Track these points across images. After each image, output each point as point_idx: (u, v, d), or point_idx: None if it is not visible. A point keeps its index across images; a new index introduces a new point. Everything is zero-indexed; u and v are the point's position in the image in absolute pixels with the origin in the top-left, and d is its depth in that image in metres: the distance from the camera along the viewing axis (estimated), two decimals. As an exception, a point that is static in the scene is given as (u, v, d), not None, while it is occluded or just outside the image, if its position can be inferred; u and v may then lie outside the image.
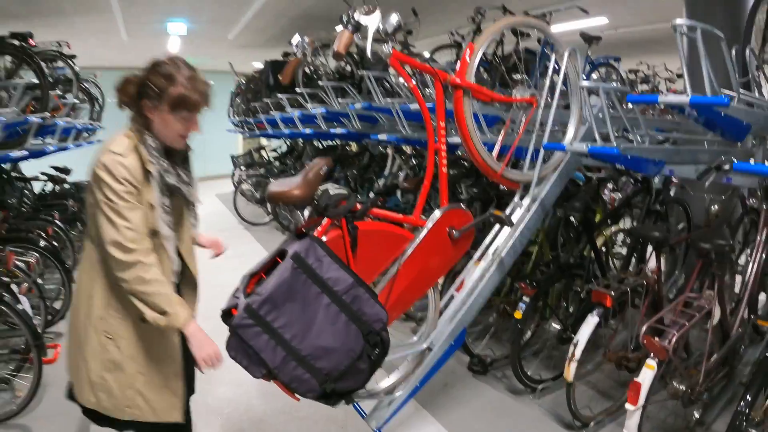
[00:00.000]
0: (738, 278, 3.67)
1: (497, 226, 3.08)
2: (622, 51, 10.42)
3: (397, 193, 5.98)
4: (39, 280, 3.99)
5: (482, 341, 4.02)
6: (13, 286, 3.26)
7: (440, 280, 3.46)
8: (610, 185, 5.64)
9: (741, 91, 2.52)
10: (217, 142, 15.11)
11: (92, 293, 1.97)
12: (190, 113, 1.94)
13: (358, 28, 2.34)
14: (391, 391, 2.82)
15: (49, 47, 5.80)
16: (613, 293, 2.94)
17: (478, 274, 2.95)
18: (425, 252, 2.56)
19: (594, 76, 7.09)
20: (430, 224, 2.57)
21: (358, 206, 2.38)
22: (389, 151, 7.04)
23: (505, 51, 5.57)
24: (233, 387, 3.57)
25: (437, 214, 2.60)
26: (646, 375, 2.58)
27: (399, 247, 2.53)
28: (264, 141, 13.38)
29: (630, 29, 9.39)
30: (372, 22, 2.33)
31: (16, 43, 4.59)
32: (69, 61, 6.13)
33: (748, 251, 3.75)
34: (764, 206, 3.51)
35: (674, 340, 2.56)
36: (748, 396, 2.30)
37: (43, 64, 4.57)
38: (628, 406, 2.59)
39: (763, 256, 3.45)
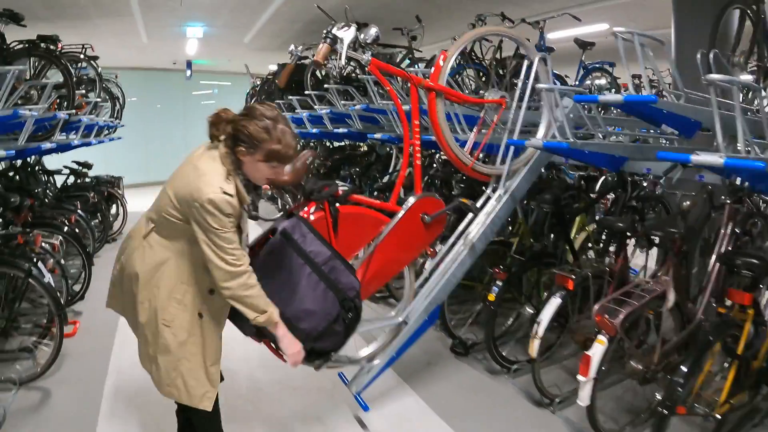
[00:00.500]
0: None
1: (471, 215, 3.39)
2: (626, 55, 10.61)
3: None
4: (62, 261, 4.38)
5: (465, 326, 4.33)
6: (40, 264, 3.63)
7: (428, 266, 3.79)
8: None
9: (686, 90, 2.82)
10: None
11: (159, 285, 2.26)
12: (280, 164, 2.23)
13: (336, 41, 2.67)
14: (371, 359, 3.14)
15: (74, 50, 6.21)
16: (574, 277, 3.23)
17: (452, 258, 3.26)
18: (400, 234, 2.89)
19: (603, 81, 7.34)
20: (404, 210, 2.90)
21: (340, 192, 2.72)
22: (394, 150, 7.40)
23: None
24: (234, 360, 3.89)
25: (411, 200, 2.93)
26: (597, 349, 2.86)
27: (376, 229, 2.87)
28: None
29: (632, 34, 9.54)
30: (347, 36, 2.66)
31: (45, 46, 5.03)
32: (92, 62, 6.56)
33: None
34: (728, 201, 3.77)
35: (622, 317, 2.84)
36: (683, 367, 2.57)
37: (69, 65, 4.99)
38: (579, 377, 2.88)
39: (729, 248, 3.70)
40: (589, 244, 4.79)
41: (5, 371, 3.60)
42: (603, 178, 4.98)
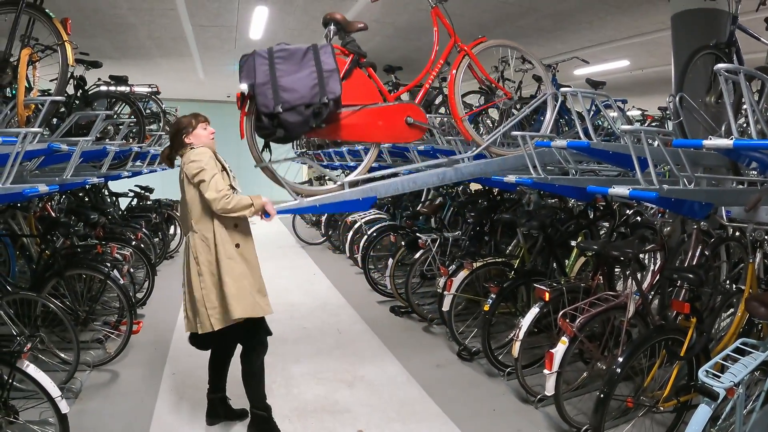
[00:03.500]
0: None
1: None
2: (651, 88, 11.09)
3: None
4: (131, 270, 5.23)
5: (470, 336, 4.94)
6: (115, 270, 4.46)
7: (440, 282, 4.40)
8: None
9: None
10: (283, 171, 16.56)
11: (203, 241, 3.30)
12: (200, 125, 3.50)
13: None
14: (307, 196, 3.86)
15: (143, 89, 7.18)
16: (549, 290, 3.82)
17: (413, 176, 4.07)
18: (383, 115, 3.69)
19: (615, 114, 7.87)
20: (395, 102, 3.71)
21: (364, 60, 3.65)
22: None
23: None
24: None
25: (404, 99, 3.77)
26: (559, 348, 3.44)
27: (370, 98, 3.68)
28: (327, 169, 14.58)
29: (655, 69, 10.02)
30: None
31: (117, 87, 6.00)
32: (156, 99, 7.52)
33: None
34: (694, 226, 4.30)
35: (578, 322, 3.43)
36: (620, 358, 3.12)
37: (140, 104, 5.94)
38: (545, 371, 3.46)
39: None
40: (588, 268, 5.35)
41: (82, 356, 4.31)
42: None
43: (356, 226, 7.71)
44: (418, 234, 5.96)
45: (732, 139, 2.21)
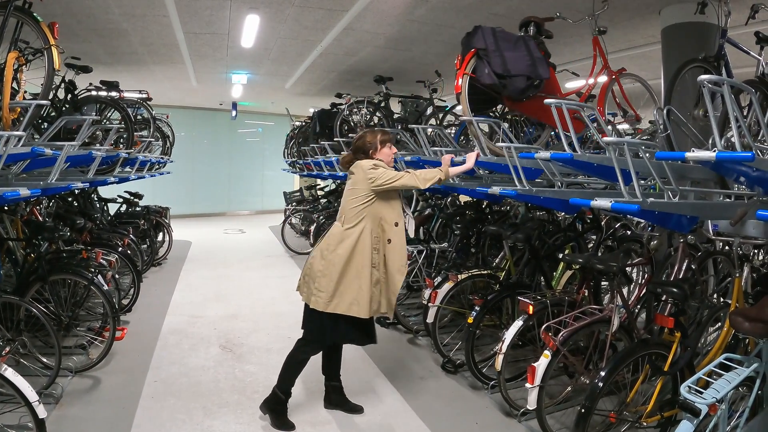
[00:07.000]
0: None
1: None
2: (642, 102, 11.12)
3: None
4: (116, 276, 5.19)
5: (455, 348, 4.92)
6: (100, 276, 4.43)
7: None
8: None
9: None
10: (274, 179, 16.51)
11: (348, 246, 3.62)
12: (387, 144, 3.80)
13: None
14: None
15: (133, 95, 7.17)
16: (533, 303, 3.81)
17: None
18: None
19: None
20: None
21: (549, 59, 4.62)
22: (415, 193, 8.17)
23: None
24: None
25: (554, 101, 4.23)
26: (541, 362, 3.43)
27: (553, 91, 4.62)
28: (319, 180, 14.66)
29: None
30: None
31: (114, 95, 5.98)
32: (147, 105, 7.50)
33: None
34: (681, 240, 4.32)
35: (561, 335, 3.42)
36: (602, 372, 3.11)
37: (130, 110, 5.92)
38: (527, 385, 3.44)
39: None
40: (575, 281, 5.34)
41: (64, 362, 4.27)
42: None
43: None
44: (404, 245, 5.94)
45: (714, 151, 2.21)
